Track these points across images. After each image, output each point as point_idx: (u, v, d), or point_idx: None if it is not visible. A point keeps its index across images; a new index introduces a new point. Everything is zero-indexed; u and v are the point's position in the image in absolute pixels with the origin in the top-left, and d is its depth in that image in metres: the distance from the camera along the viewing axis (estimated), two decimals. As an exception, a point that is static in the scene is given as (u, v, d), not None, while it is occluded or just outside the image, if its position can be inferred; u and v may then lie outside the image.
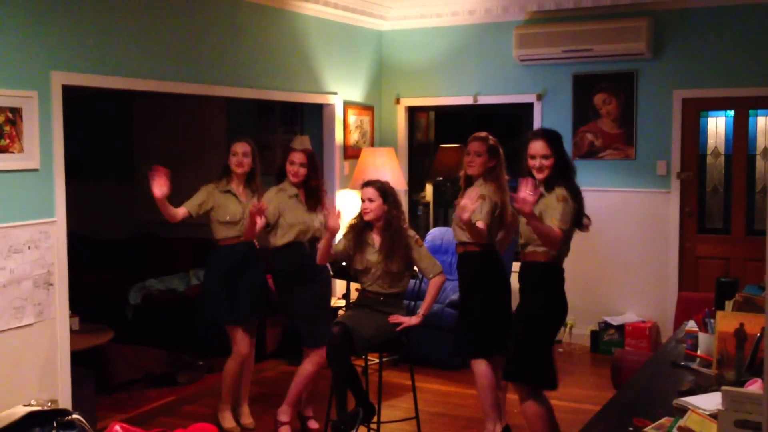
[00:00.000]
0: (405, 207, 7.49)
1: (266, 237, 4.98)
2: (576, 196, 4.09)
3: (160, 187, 4.56)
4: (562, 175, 4.08)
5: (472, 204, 4.18)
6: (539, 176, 4.09)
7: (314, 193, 4.94)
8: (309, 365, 4.93)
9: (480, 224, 4.37)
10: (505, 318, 4.57)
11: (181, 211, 4.87)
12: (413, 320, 4.62)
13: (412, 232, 4.72)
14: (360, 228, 4.68)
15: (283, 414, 4.98)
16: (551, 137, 4.13)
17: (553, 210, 3.99)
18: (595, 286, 6.75)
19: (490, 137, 4.64)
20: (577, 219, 4.11)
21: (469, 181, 4.61)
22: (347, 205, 6.60)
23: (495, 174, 4.57)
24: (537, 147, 4.09)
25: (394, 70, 7.65)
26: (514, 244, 4.54)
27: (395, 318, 4.61)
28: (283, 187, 4.93)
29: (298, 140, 4.99)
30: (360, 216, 4.71)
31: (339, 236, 4.72)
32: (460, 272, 4.71)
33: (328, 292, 5.13)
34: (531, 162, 4.11)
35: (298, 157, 4.90)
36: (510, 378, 4.19)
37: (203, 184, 5.05)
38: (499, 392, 4.66)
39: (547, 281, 4.10)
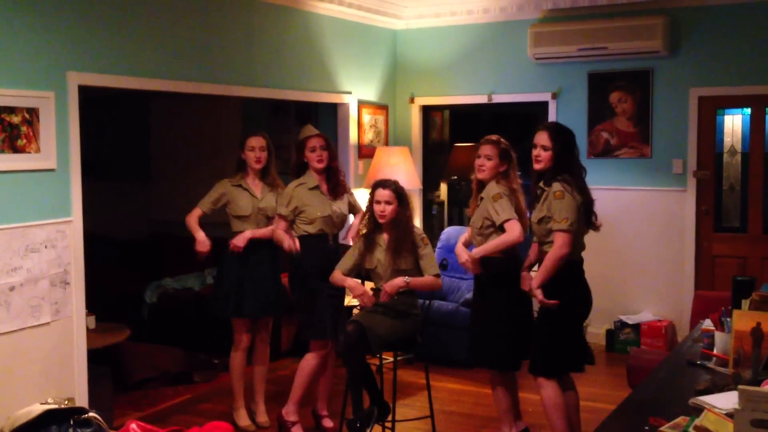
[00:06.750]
0: (419, 206, 7.55)
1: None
2: (579, 190, 4.07)
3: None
4: (560, 170, 4.08)
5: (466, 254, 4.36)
6: (536, 166, 4.16)
7: (336, 177, 4.95)
8: (312, 358, 4.87)
9: (514, 222, 4.30)
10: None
11: (195, 214, 5.04)
12: (397, 281, 4.54)
13: (419, 231, 4.73)
14: (371, 231, 4.68)
15: (291, 414, 4.92)
16: (556, 131, 4.16)
17: (553, 211, 4.02)
18: (610, 284, 6.72)
19: (502, 140, 4.51)
20: (586, 214, 4.10)
21: (481, 185, 4.54)
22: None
23: (508, 178, 4.47)
24: (540, 137, 4.16)
25: (408, 69, 7.64)
26: (526, 241, 4.49)
27: (385, 288, 4.57)
28: (303, 181, 4.91)
29: (308, 129, 4.98)
30: (370, 220, 4.71)
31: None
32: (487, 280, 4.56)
33: (343, 290, 5.13)
34: (533, 151, 4.18)
35: (317, 141, 4.89)
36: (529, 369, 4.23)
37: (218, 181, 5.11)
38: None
39: (563, 282, 4.09)
